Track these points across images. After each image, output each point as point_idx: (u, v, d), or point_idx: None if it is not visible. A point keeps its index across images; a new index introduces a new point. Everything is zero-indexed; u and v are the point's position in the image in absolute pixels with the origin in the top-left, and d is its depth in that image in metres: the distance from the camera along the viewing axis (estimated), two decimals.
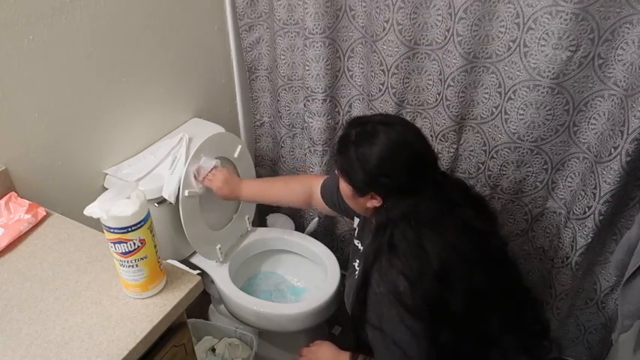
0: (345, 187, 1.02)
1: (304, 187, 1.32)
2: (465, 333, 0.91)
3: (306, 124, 1.59)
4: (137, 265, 0.79)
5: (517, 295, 1.01)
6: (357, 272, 1.09)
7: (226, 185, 1.32)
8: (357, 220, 1.22)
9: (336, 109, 1.56)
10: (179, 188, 1.27)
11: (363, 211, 1.04)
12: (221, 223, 1.50)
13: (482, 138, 1.34)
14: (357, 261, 1.12)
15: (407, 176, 0.94)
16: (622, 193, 1.19)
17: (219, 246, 1.46)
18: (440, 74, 1.30)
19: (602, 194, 1.18)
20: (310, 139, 1.60)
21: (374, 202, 0.98)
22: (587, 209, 1.24)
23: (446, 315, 0.89)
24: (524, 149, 1.27)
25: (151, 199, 1.26)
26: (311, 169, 1.66)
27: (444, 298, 0.88)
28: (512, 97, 1.22)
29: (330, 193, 1.24)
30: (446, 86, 1.29)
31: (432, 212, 0.93)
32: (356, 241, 1.19)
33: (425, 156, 0.97)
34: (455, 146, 1.38)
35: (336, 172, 1.04)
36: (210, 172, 1.32)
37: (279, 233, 1.63)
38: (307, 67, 1.46)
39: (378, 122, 0.96)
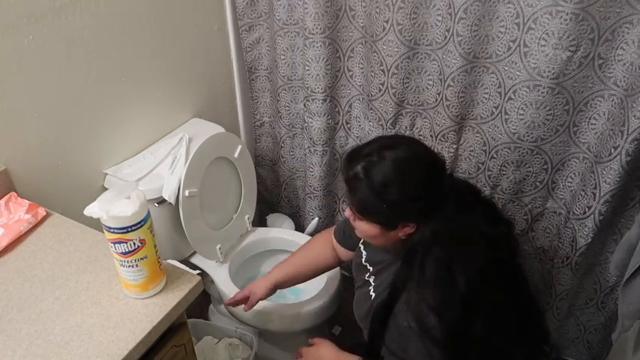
0: (369, 229, 0.94)
1: (328, 247, 1.25)
2: (486, 352, 0.89)
3: (306, 124, 1.59)
4: (137, 265, 0.79)
5: (524, 307, 0.97)
6: (371, 288, 1.04)
7: (267, 291, 1.22)
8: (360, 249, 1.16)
9: (336, 109, 1.56)
10: (179, 188, 1.27)
11: (392, 243, 0.95)
12: (221, 223, 1.50)
13: (482, 138, 1.34)
14: (372, 276, 1.06)
15: (431, 191, 0.88)
16: (622, 193, 1.19)
17: (219, 246, 1.46)
18: (440, 74, 1.30)
19: (602, 194, 1.18)
20: (310, 139, 1.60)
21: (407, 230, 0.91)
22: (587, 209, 1.24)
23: (471, 338, 0.86)
24: (524, 149, 1.27)
25: (151, 199, 1.26)
26: (311, 169, 1.66)
27: (470, 322, 0.86)
28: (512, 97, 1.22)
29: (344, 238, 1.20)
30: (446, 86, 1.29)
31: (460, 228, 0.89)
32: (365, 263, 1.11)
33: (438, 162, 0.92)
34: (455, 146, 1.38)
35: (349, 217, 0.98)
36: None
37: (279, 233, 1.63)
38: (307, 67, 1.46)
39: (380, 149, 0.89)
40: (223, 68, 1.61)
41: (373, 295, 1.04)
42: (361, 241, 1.13)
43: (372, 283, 1.06)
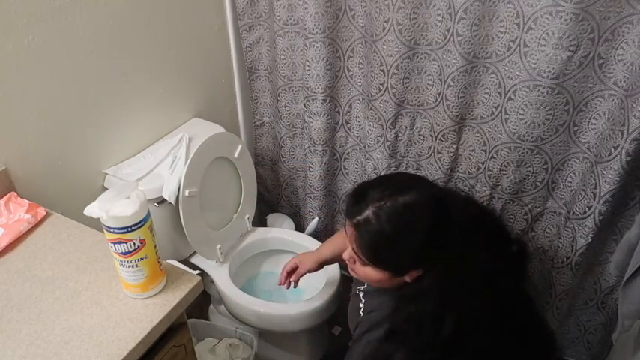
0: (375, 274, 0.90)
1: None
2: None
3: (306, 124, 1.59)
4: (137, 265, 0.79)
5: (528, 330, 0.95)
6: (362, 305, 1.03)
7: (315, 265, 1.24)
8: None
9: (336, 109, 1.56)
10: (179, 188, 1.27)
11: (395, 285, 0.92)
12: (221, 223, 1.50)
13: (482, 138, 1.34)
14: (362, 293, 1.06)
15: (444, 234, 0.84)
16: (622, 193, 1.19)
17: (219, 246, 1.46)
18: (440, 74, 1.30)
19: (602, 194, 1.18)
20: (310, 139, 1.60)
21: (414, 274, 0.88)
22: (587, 209, 1.24)
23: None
24: (524, 149, 1.27)
25: (151, 199, 1.26)
26: (311, 169, 1.66)
27: None
28: (512, 97, 1.22)
29: None
30: (446, 86, 1.29)
31: (463, 271, 0.85)
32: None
33: (443, 199, 0.88)
34: (455, 146, 1.38)
35: (348, 260, 0.95)
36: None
37: (279, 233, 1.63)
38: (307, 67, 1.46)
39: (392, 194, 0.84)
40: (223, 68, 1.61)
41: (362, 314, 1.03)
42: None
43: (363, 300, 1.04)
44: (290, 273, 1.27)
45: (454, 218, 0.86)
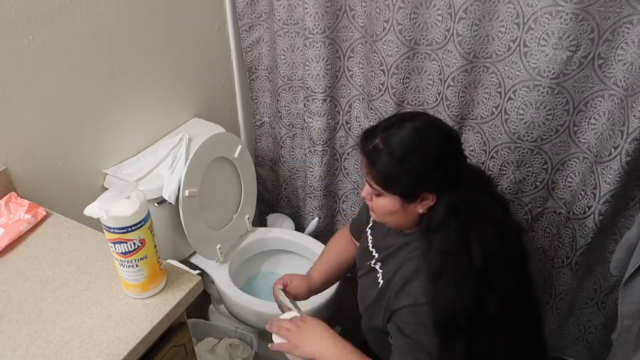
0: (388, 203, 0.91)
1: (350, 242, 1.23)
2: (496, 337, 0.87)
3: (306, 124, 1.59)
4: (137, 265, 0.79)
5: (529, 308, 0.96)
6: (379, 275, 1.02)
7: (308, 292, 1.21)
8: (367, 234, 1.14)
9: (336, 109, 1.56)
10: (179, 188, 1.27)
11: (410, 220, 0.93)
12: (221, 223, 1.50)
13: (482, 138, 1.34)
14: (379, 263, 1.04)
15: (451, 161, 0.88)
16: (622, 193, 1.19)
17: (219, 246, 1.46)
18: (440, 74, 1.30)
19: (602, 194, 1.18)
20: (310, 139, 1.60)
21: (427, 203, 0.89)
22: (587, 209, 1.24)
23: (483, 319, 0.85)
24: (524, 149, 1.27)
25: (151, 199, 1.26)
26: (311, 169, 1.66)
27: (483, 299, 0.85)
28: (512, 97, 1.22)
29: (357, 230, 1.19)
30: (446, 86, 1.29)
31: (479, 204, 0.88)
32: (372, 249, 1.09)
33: (456, 135, 0.93)
34: None
35: (366, 197, 0.96)
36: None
37: (279, 233, 1.63)
38: (307, 67, 1.46)
39: (399, 120, 0.90)
40: (223, 68, 1.61)
41: (381, 282, 1.00)
42: (369, 225, 1.12)
43: (380, 270, 1.03)
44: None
45: (460, 152, 0.91)
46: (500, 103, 1.25)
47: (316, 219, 1.76)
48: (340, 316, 1.51)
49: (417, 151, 0.87)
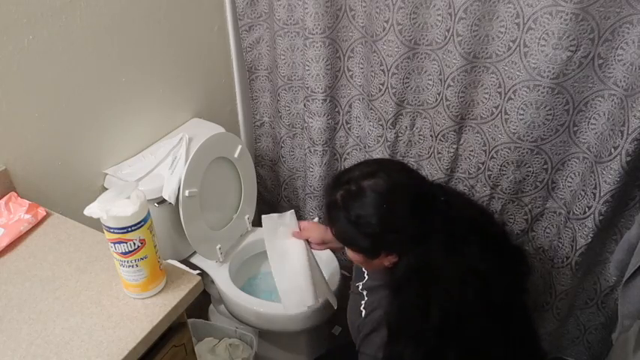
0: (354, 255, 0.94)
1: None
2: None
3: (306, 124, 1.59)
4: (137, 265, 0.79)
5: (519, 340, 0.95)
6: (363, 303, 1.03)
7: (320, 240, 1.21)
8: None
9: (336, 109, 1.56)
10: (179, 188, 1.27)
11: (381, 270, 0.95)
12: (221, 223, 1.50)
13: (482, 138, 1.34)
14: (365, 291, 1.06)
15: (413, 223, 0.86)
16: (622, 193, 1.18)
17: (219, 246, 1.46)
18: (440, 74, 1.30)
19: (602, 194, 1.18)
20: (310, 139, 1.60)
21: (390, 259, 0.90)
22: (587, 209, 1.24)
23: None
24: (524, 149, 1.27)
25: (151, 199, 1.26)
26: (311, 170, 1.66)
27: (442, 353, 0.85)
28: (512, 97, 1.22)
29: None
30: (446, 86, 1.29)
31: (442, 261, 0.86)
32: (364, 270, 1.10)
33: (421, 192, 0.90)
34: (455, 146, 1.38)
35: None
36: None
37: None
38: (307, 67, 1.46)
39: (359, 178, 0.88)
40: (223, 68, 1.61)
41: (364, 312, 1.02)
42: None
43: (365, 299, 1.04)
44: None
45: (429, 210, 0.88)
46: (500, 103, 1.25)
47: (316, 219, 1.76)
48: (340, 317, 1.51)
49: (371, 216, 0.86)
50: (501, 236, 0.99)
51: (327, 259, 1.50)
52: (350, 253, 0.95)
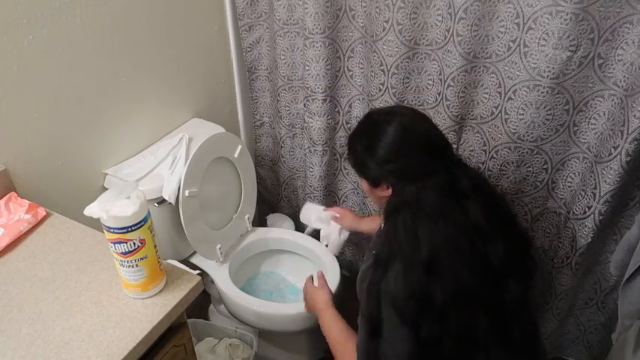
0: (362, 183, 1.06)
1: None
2: (447, 330, 0.87)
3: (306, 124, 1.59)
4: (137, 265, 0.79)
5: (515, 310, 0.93)
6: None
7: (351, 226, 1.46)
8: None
9: (336, 109, 1.56)
10: (179, 188, 1.27)
11: (381, 204, 1.04)
12: (221, 223, 1.50)
13: (482, 138, 1.34)
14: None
15: (412, 161, 0.95)
16: (622, 193, 1.19)
17: (219, 246, 1.46)
18: (440, 74, 1.30)
19: (602, 194, 1.18)
20: (310, 139, 1.60)
21: (386, 192, 0.99)
22: (587, 209, 1.24)
23: (430, 308, 0.86)
24: (524, 149, 1.27)
25: (151, 199, 1.26)
26: (311, 170, 1.66)
27: (429, 291, 0.86)
28: (512, 97, 1.22)
29: None
30: (446, 86, 1.29)
31: (434, 201, 0.91)
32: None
33: (431, 141, 0.97)
34: (455, 146, 1.38)
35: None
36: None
37: (279, 233, 1.63)
38: (307, 67, 1.46)
39: (381, 113, 1.01)
40: (223, 68, 1.61)
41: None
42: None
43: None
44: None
45: (430, 154, 0.95)
46: (500, 103, 1.25)
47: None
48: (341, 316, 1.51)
49: (381, 145, 0.96)
50: (509, 216, 1.01)
51: (327, 259, 1.50)
52: (362, 182, 1.06)
